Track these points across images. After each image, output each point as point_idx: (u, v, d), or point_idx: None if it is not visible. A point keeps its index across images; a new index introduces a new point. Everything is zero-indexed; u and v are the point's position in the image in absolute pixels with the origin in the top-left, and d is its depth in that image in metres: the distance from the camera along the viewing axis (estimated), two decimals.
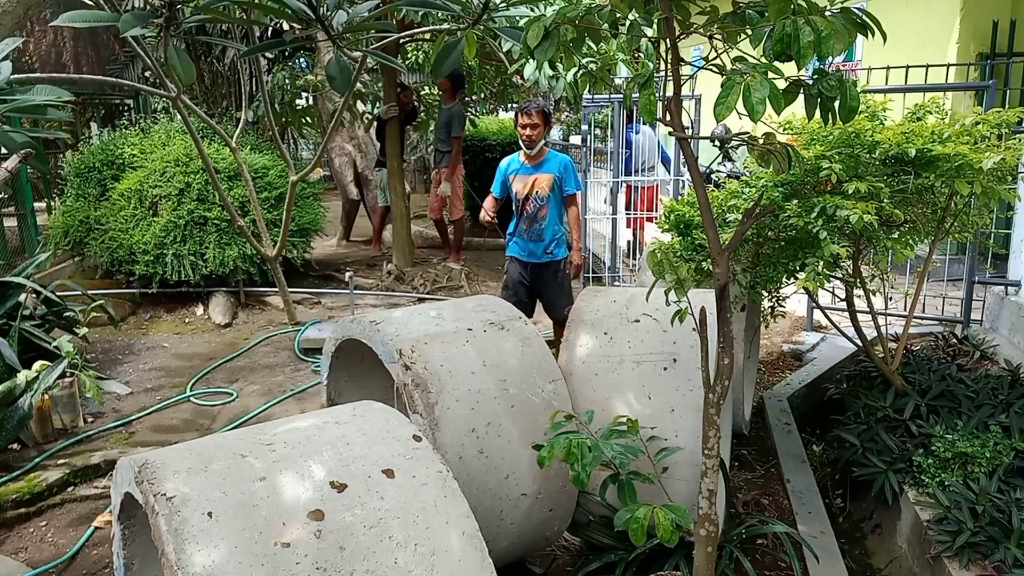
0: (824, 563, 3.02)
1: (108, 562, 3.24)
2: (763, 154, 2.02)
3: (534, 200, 4.75)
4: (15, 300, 4.52)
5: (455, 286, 7.42)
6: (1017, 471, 3.12)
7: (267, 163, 7.21)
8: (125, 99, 10.75)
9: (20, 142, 3.90)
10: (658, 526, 2.11)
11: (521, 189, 4.78)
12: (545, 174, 4.74)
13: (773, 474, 3.92)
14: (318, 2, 3.55)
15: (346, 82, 3.64)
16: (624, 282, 6.87)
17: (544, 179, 4.74)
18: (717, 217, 3.62)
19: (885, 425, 3.61)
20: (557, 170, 4.74)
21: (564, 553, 3.20)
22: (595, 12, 2.09)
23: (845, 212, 2.84)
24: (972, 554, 2.78)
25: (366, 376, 3.15)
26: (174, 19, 3.84)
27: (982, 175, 3.19)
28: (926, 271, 3.98)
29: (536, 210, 4.77)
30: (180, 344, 5.96)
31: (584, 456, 2.24)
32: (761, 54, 1.87)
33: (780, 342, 5.62)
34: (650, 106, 2.06)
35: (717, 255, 2.24)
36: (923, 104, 3.78)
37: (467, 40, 2.67)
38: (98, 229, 6.76)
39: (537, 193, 4.73)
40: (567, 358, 2.99)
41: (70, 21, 3.62)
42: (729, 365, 2.26)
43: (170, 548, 1.56)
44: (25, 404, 3.86)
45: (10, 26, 3.97)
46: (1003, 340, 4.78)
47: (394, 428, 2.04)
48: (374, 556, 1.70)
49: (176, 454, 1.84)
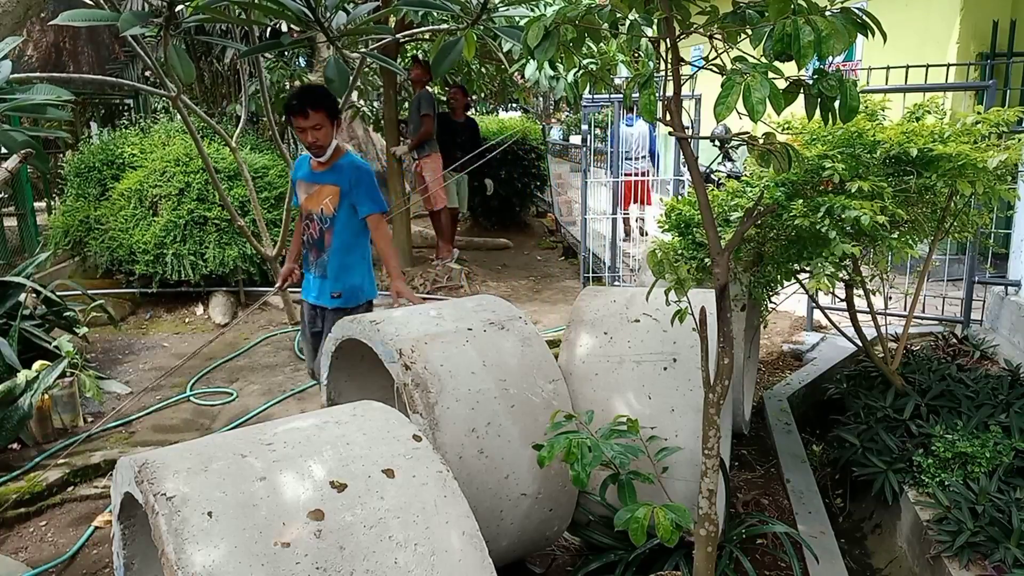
0: (824, 563, 3.02)
1: (108, 562, 3.24)
2: (763, 154, 2.02)
3: (317, 220, 3.52)
4: (15, 300, 4.52)
5: (455, 286, 7.42)
6: (1017, 471, 3.12)
7: (267, 163, 7.21)
8: (125, 99, 10.74)
9: (20, 141, 3.90)
10: (658, 526, 2.11)
11: (304, 202, 3.58)
12: (330, 185, 3.45)
13: (773, 474, 3.92)
14: (317, 3, 3.54)
15: (344, 84, 3.64)
16: (624, 282, 6.87)
17: (328, 192, 3.45)
18: (719, 216, 3.62)
19: (885, 425, 3.61)
20: (346, 182, 3.43)
21: (564, 553, 3.20)
22: (595, 12, 2.09)
23: (853, 212, 2.83)
24: (972, 554, 2.78)
25: (366, 376, 3.15)
26: (174, 19, 3.84)
27: (985, 175, 3.19)
28: (926, 271, 3.98)
29: (320, 234, 3.54)
30: (180, 344, 5.96)
31: (584, 456, 2.24)
32: (761, 54, 1.87)
33: (780, 342, 5.62)
34: (650, 106, 2.05)
35: (717, 255, 2.23)
36: (922, 104, 3.78)
37: (466, 40, 2.67)
38: (98, 229, 6.76)
39: (322, 211, 3.50)
40: (567, 358, 2.99)
41: (70, 20, 3.62)
42: (729, 365, 2.26)
43: (170, 548, 1.56)
44: (25, 404, 3.86)
45: (10, 26, 3.97)
46: (1003, 340, 4.78)
47: (394, 428, 2.04)
48: (374, 556, 1.70)
49: (176, 454, 1.84)
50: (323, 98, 3.35)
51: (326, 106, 3.34)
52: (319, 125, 3.34)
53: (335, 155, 3.47)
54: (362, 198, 3.44)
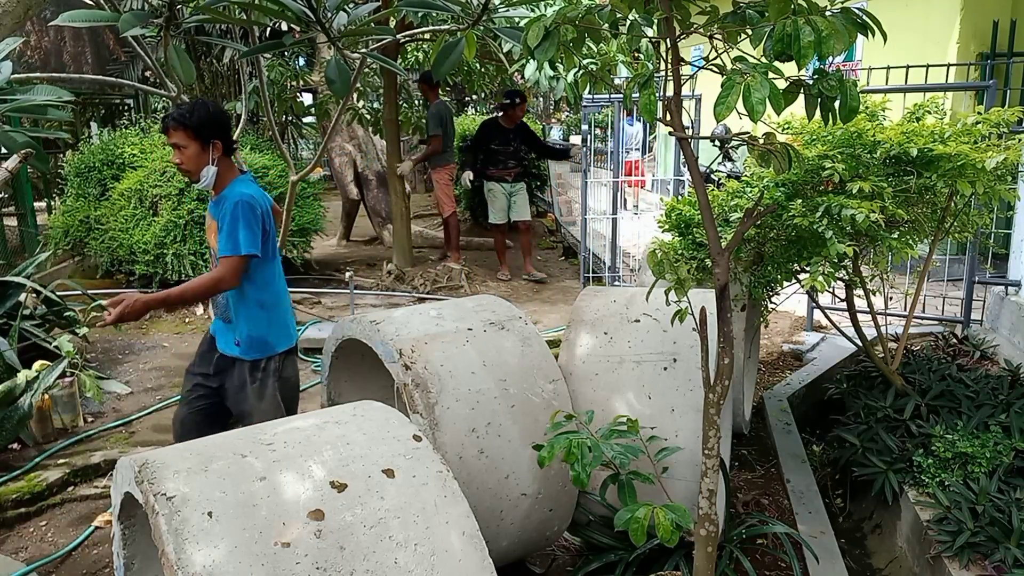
0: (824, 563, 3.02)
1: (108, 561, 3.24)
2: (763, 154, 2.02)
3: (214, 258, 3.07)
4: (15, 300, 4.52)
5: (455, 286, 7.42)
6: (1017, 471, 3.12)
7: (267, 163, 7.22)
8: (125, 99, 10.75)
9: (20, 142, 3.90)
10: (658, 526, 2.11)
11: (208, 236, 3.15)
12: (214, 220, 3.00)
13: (773, 474, 3.92)
14: (318, 3, 3.54)
15: (345, 85, 3.63)
16: (624, 282, 6.87)
17: (214, 227, 3.00)
18: (719, 216, 3.62)
19: (885, 425, 3.61)
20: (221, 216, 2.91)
21: (564, 553, 3.20)
22: (595, 12, 2.09)
23: (850, 211, 2.84)
24: (972, 554, 2.78)
25: (366, 376, 3.15)
26: (174, 19, 3.84)
27: (985, 175, 3.19)
28: (926, 271, 3.98)
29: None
30: (180, 344, 5.96)
31: (584, 456, 2.24)
32: (761, 54, 1.87)
33: (780, 342, 5.62)
34: (650, 106, 2.06)
35: (717, 255, 2.23)
36: (923, 104, 3.78)
37: (467, 40, 2.67)
38: (98, 229, 6.76)
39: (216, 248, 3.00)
40: (567, 358, 2.99)
41: (70, 21, 3.62)
42: (729, 365, 2.26)
43: (170, 548, 1.56)
44: (25, 404, 3.86)
45: (10, 26, 3.97)
46: (1003, 340, 4.78)
47: (394, 428, 2.04)
48: (374, 556, 1.70)
49: (176, 454, 1.84)
50: (188, 116, 2.87)
51: (190, 125, 2.86)
52: (181, 146, 2.89)
53: (221, 184, 2.99)
54: (222, 235, 2.89)
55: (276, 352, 3.09)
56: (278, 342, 3.10)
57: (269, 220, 3.01)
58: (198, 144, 2.90)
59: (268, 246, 3.02)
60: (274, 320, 3.10)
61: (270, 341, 3.08)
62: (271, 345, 3.08)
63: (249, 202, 2.90)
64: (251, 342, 3.05)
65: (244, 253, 2.88)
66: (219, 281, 2.91)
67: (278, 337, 3.11)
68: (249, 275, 2.98)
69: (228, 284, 2.92)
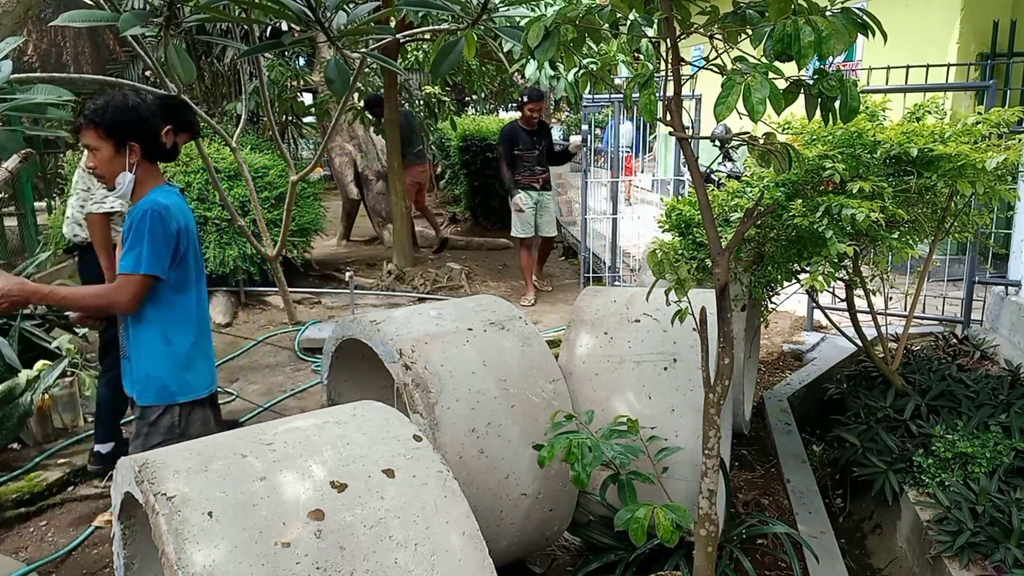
0: (824, 563, 3.02)
1: (108, 561, 3.24)
2: (763, 154, 2.02)
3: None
4: None
5: (455, 286, 7.42)
6: (1017, 471, 3.12)
7: (267, 163, 7.21)
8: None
9: (17, 143, 3.90)
10: (658, 526, 2.11)
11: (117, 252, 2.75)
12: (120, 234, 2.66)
13: (773, 474, 3.92)
14: (317, 3, 3.55)
15: (345, 84, 3.64)
16: (624, 282, 6.87)
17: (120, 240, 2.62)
18: (719, 216, 3.62)
19: (885, 425, 3.61)
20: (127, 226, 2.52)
21: (564, 553, 3.20)
22: (595, 12, 2.09)
23: (851, 211, 2.84)
24: (972, 554, 2.78)
25: (366, 376, 3.15)
26: (174, 18, 3.84)
27: (985, 175, 3.19)
28: (926, 271, 3.98)
29: None
30: None
31: (584, 456, 2.24)
32: (761, 54, 1.87)
33: (780, 342, 5.62)
34: (650, 106, 2.06)
35: (717, 255, 2.23)
36: (923, 104, 3.78)
37: (466, 40, 2.67)
38: None
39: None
40: (567, 358, 2.99)
41: (70, 20, 3.62)
42: (729, 365, 2.26)
43: (170, 548, 1.56)
44: (26, 403, 3.87)
45: (10, 26, 3.97)
46: (1003, 340, 4.78)
47: (394, 428, 2.04)
48: (374, 556, 1.70)
49: (176, 454, 1.84)
50: (101, 113, 2.48)
51: (102, 125, 2.48)
52: (92, 147, 2.51)
53: (139, 194, 2.56)
54: (124, 248, 2.48)
55: (175, 402, 2.57)
56: (181, 390, 2.58)
57: (188, 240, 2.58)
58: (111, 146, 2.51)
59: (184, 271, 2.58)
60: (180, 361, 2.57)
61: (169, 387, 2.56)
62: (169, 392, 2.56)
63: (161, 213, 2.47)
64: (146, 382, 2.55)
65: (144, 272, 2.45)
66: (110, 301, 2.48)
67: (183, 384, 2.58)
68: (154, 301, 2.52)
69: (121, 307, 2.48)
